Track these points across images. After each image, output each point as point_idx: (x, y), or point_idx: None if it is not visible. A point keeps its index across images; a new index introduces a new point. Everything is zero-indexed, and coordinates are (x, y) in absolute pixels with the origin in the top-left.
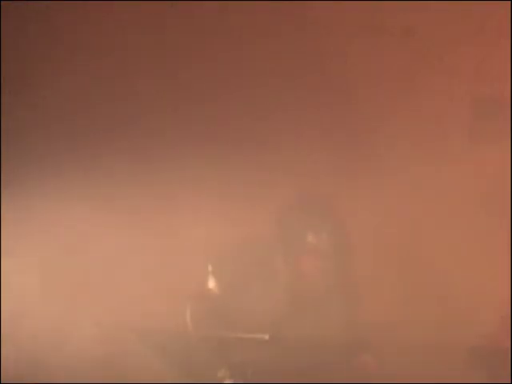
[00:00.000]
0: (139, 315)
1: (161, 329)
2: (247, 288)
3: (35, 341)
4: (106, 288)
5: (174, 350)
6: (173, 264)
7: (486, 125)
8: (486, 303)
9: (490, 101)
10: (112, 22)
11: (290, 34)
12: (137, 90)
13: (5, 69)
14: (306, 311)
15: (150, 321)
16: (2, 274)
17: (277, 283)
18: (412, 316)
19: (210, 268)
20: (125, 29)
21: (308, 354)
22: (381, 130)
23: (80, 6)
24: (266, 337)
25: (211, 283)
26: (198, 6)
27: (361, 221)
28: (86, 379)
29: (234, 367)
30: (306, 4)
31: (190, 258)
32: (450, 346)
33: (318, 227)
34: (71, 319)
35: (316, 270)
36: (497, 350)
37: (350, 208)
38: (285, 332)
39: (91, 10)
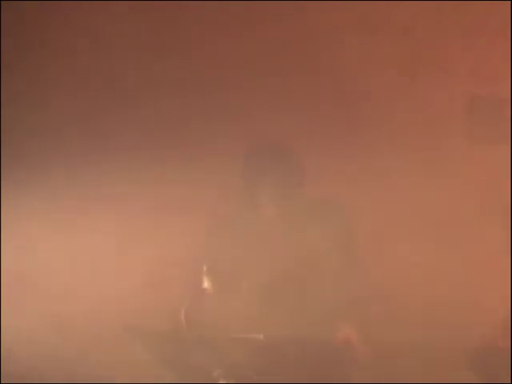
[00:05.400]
0: (133, 315)
1: (155, 328)
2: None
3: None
4: (102, 287)
5: (168, 350)
6: (168, 264)
7: (485, 125)
8: (485, 303)
9: (489, 101)
10: (112, 22)
11: (288, 33)
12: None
13: (5, 68)
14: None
15: (144, 320)
16: None
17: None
18: (412, 316)
19: (204, 268)
20: (124, 28)
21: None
22: (378, 129)
23: (80, 5)
24: (262, 337)
25: (206, 283)
26: (196, 4)
27: (358, 220)
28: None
29: (229, 367)
30: (305, 3)
31: (185, 258)
32: (450, 346)
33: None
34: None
35: None
36: (497, 350)
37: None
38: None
39: (91, 9)
